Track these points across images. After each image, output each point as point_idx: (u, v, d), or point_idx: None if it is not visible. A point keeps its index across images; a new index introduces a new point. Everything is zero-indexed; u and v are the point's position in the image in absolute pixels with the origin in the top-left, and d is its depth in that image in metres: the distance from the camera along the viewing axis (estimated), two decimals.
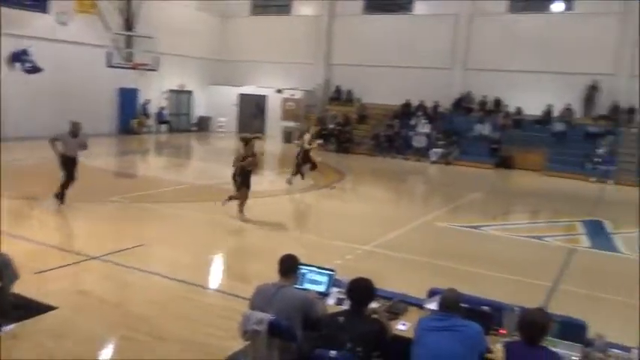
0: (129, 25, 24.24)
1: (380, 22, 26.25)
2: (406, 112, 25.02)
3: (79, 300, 6.21)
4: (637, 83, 21.25)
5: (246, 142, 10.41)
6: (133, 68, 23.55)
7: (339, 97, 27.51)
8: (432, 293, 4.61)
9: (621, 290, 7.78)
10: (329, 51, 27.75)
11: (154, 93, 26.56)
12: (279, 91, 27.67)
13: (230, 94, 28.75)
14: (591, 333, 4.13)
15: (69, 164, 10.29)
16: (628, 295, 7.51)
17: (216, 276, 7.85)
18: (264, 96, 28.03)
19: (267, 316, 3.93)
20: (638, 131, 21.06)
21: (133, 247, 8.18)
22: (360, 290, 4.03)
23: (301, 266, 4.57)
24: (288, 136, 26.27)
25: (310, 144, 14.50)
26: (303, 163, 14.41)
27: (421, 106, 24.79)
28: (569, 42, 22.19)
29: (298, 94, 27.40)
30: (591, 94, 22.38)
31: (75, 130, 10.34)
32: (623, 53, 21.78)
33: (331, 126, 24.79)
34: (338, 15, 27.45)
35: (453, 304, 3.87)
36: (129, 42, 23.85)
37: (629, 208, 15.02)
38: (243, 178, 10.18)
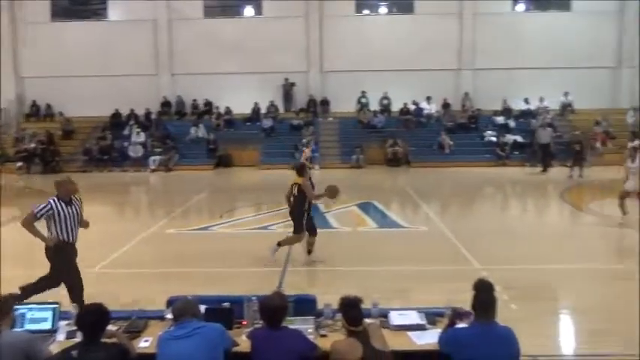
0: None
1: (73, 29, 24.54)
2: (117, 122, 23.97)
3: None
4: (326, 78, 24.38)
5: (300, 170, 8.32)
6: None
7: (38, 112, 24.93)
8: (171, 302, 4.51)
9: (340, 260, 8.77)
10: (16, 62, 24.82)
11: None
12: None
13: None
14: (320, 304, 4.53)
15: (70, 257, 6.24)
16: (345, 264, 8.50)
17: None
18: None
19: None
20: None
21: None
22: (91, 317, 3.71)
23: (17, 306, 4.02)
24: None
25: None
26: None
27: (132, 115, 24.01)
28: (264, 43, 23.99)
29: None
30: (289, 90, 24.62)
31: (69, 194, 6.29)
32: (312, 51, 24.45)
33: (32, 145, 22.30)
34: (19, 21, 24.67)
35: (184, 311, 3.84)
36: None
37: None
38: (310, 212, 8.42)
